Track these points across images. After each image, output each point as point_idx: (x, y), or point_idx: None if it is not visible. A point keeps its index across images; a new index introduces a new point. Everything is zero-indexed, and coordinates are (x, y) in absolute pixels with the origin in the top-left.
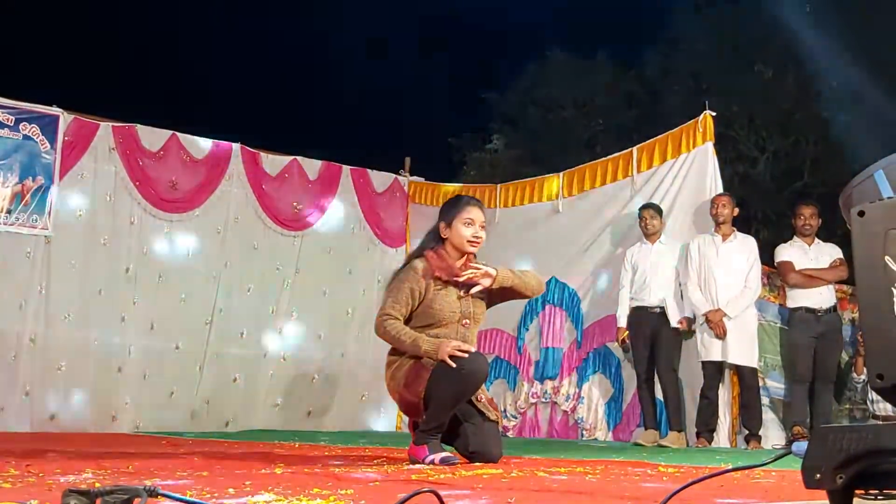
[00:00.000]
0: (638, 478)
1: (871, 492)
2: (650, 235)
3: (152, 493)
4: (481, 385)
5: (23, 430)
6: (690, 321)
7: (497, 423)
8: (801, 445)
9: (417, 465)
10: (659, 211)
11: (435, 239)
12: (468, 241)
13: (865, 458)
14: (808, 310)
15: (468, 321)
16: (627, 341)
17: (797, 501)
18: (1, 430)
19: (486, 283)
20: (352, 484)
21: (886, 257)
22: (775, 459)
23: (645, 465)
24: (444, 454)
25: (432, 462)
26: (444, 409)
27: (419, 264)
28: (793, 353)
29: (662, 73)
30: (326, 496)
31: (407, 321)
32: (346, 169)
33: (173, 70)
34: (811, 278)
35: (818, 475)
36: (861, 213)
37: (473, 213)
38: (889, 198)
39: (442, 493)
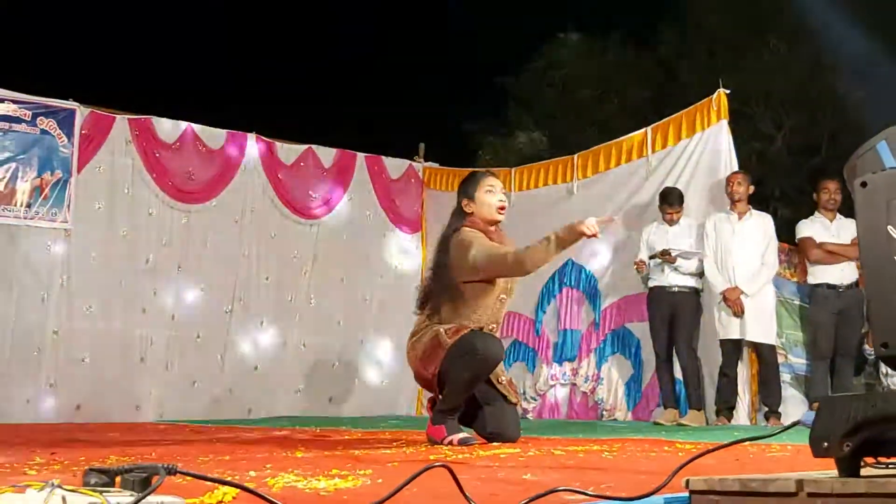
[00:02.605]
0: (654, 454)
1: (879, 459)
2: (671, 223)
3: (171, 471)
4: (495, 368)
5: (48, 421)
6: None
7: (517, 405)
8: (810, 415)
9: (436, 446)
10: (681, 202)
11: (459, 218)
12: (497, 209)
13: (873, 425)
14: (829, 286)
15: (504, 296)
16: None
17: (806, 472)
18: (27, 421)
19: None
20: (371, 465)
21: (889, 227)
22: (783, 430)
23: (662, 443)
24: (462, 435)
25: (451, 443)
26: (460, 391)
27: (469, 232)
28: (814, 329)
29: (677, 52)
30: (345, 476)
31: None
32: (360, 156)
33: (188, 62)
34: (833, 254)
35: (826, 444)
36: (864, 184)
37: (493, 181)
38: (892, 168)
39: (460, 472)
